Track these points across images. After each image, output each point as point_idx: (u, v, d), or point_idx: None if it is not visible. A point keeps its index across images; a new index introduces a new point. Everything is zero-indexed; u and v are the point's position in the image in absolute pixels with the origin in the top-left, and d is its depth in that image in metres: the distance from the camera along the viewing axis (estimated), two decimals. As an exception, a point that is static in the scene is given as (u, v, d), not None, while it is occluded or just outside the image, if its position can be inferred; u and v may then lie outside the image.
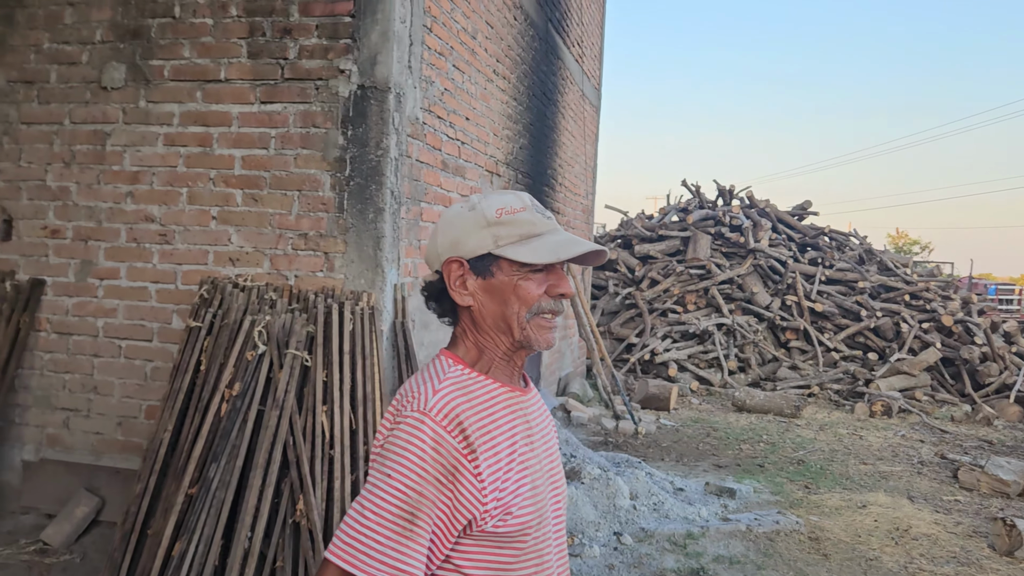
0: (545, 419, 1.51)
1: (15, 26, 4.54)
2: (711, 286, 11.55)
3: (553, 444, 1.51)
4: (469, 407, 1.34)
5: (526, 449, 1.39)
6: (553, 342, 1.43)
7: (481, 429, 1.33)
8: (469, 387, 1.37)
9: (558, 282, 1.40)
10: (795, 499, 5.85)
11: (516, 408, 1.41)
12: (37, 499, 4.54)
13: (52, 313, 4.53)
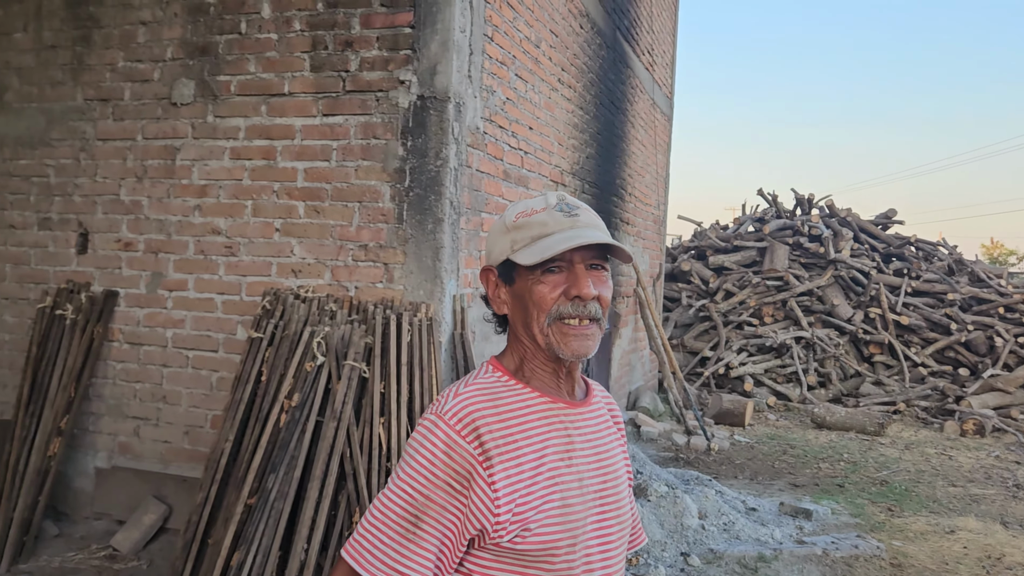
0: (602, 436, 1.40)
1: (92, 46, 4.69)
2: (789, 298, 11.18)
3: (610, 464, 1.39)
4: (492, 413, 1.28)
5: (559, 463, 1.31)
6: (583, 351, 1.31)
7: (502, 437, 1.27)
8: (499, 394, 1.32)
9: (574, 283, 1.30)
10: (877, 522, 5.55)
11: (554, 420, 1.33)
12: (108, 505, 4.65)
13: (124, 324, 4.65)
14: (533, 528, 1.25)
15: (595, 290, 1.31)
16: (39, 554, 4.36)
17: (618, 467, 1.42)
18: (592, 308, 1.31)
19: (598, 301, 1.32)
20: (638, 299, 8.68)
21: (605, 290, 1.33)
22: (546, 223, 1.32)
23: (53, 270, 4.82)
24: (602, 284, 1.33)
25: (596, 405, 1.44)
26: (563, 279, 1.31)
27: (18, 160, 4.90)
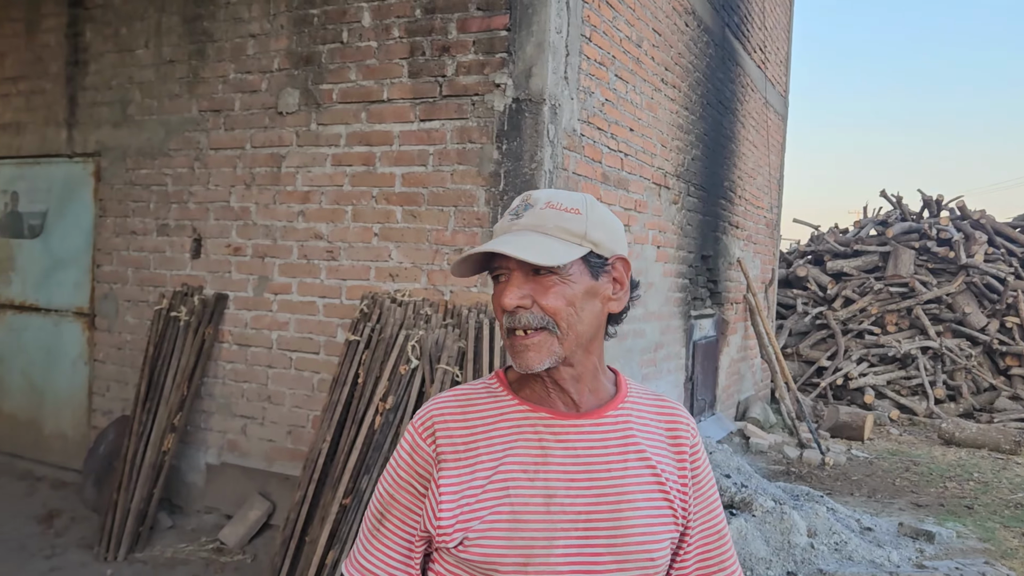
0: (603, 454, 1.24)
1: (206, 59, 4.91)
2: (915, 305, 10.53)
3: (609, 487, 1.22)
4: (456, 418, 1.25)
5: (519, 475, 1.21)
6: (526, 364, 1.20)
7: (461, 441, 1.24)
8: (475, 400, 1.28)
9: (500, 293, 1.21)
10: (1008, 548, 5.12)
11: (526, 429, 1.24)
12: (217, 500, 4.83)
13: (233, 326, 4.83)
14: (473, 538, 1.18)
15: (519, 299, 1.19)
16: (154, 544, 4.57)
17: (627, 492, 1.22)
18: (524, 318, 1.20)
19: (540, 308, 1.20)
20: (748, 305, 8.37)
21: (547, 297, 1.19)
22: (496, 230, 1.26)
23: (170, 274, 5.06)
24: (545, 291, 1.20)
25: (610, 420, 1.27)
26: (502, 288, 1.23)
27: (139, 170, 5.18)
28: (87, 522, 4.85)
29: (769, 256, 9.60)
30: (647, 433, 1.28)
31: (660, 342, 5.87)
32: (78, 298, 5.54)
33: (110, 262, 5.34)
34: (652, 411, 1.32)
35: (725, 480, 5.31)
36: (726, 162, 7.36)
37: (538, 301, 1.20)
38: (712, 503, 1.33)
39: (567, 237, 1.21)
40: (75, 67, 5.46)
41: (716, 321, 7.41)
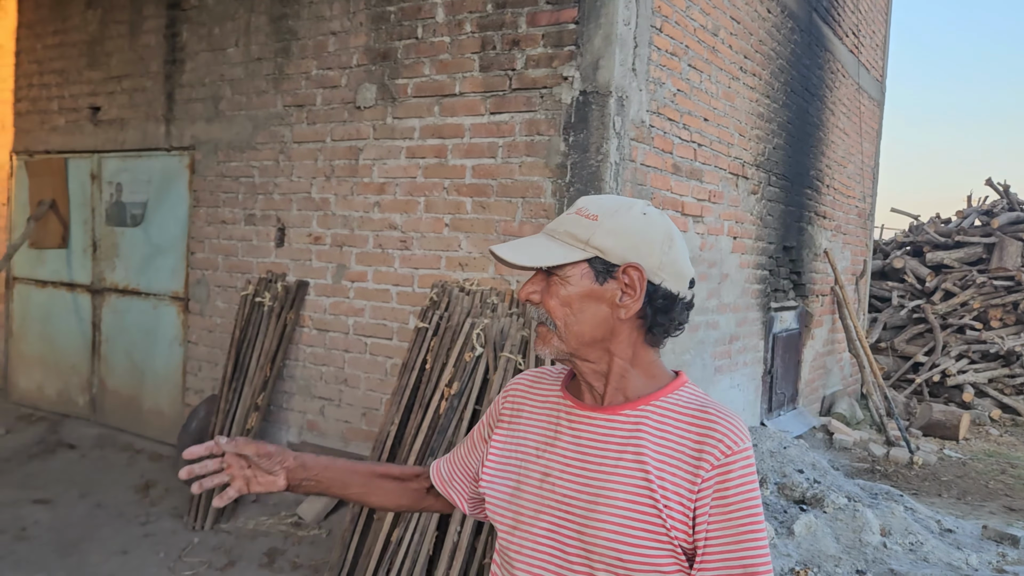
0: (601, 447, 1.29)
1: (290, 57, 5.12)
2: (1021, 300, 10.00)
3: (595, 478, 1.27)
4: (522, 391, 1.46)
5: (532, 451, 1.37)
6: (539, 350, 1.34)
7: (515, 410, 1.44)
8: (542, 380, 1.46)
9: (523, 286, 1.35)
10: (1104, 558, 4.85)
11: (553, 413, 1.38)
12: (297, 477, 5.07)
13: (313, 311, 5.05)
14: (487, 492, 1.40)
15: (529, 293, 1.32)
16: (238, 516, 4.84)
17: (609, 489, 1.25)
18: (532, 311, 1.39)
19: (543, 307, 1.31)
20: (835, 298, 8.14)
21: (547, 296, 1.30)
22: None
23: (256, 261, 5.33)
24: (548, 290, 1.31)
25: (622, 419, 1.30)
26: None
27: (229, 162, 5.46)
28: (179, 493, 5.18)
29: (861, 247, 9.29)
30: (660, 439, 1.26)
31: (735, 334, 5.80)
32: (174, 283, 5.89)
33: (202, 249, 5.66)
34: (683, 420, 1.27)
35: (798, 475, 5.22)
36: (812, 151, 7.16)
37: (543, 298, 1.31)
38: (739, 519, 1.21)
39: (570, 241, 1.28)
40: (172, 65, 5.78)
41: (799, 314, 7.24)
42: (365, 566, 3.86)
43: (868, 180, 9.26)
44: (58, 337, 6.71)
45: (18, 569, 4.13)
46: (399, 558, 3.76)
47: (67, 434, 6.29)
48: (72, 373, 6.61)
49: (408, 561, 3.76)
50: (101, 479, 5.48)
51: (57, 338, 6.72)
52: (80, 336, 6.54)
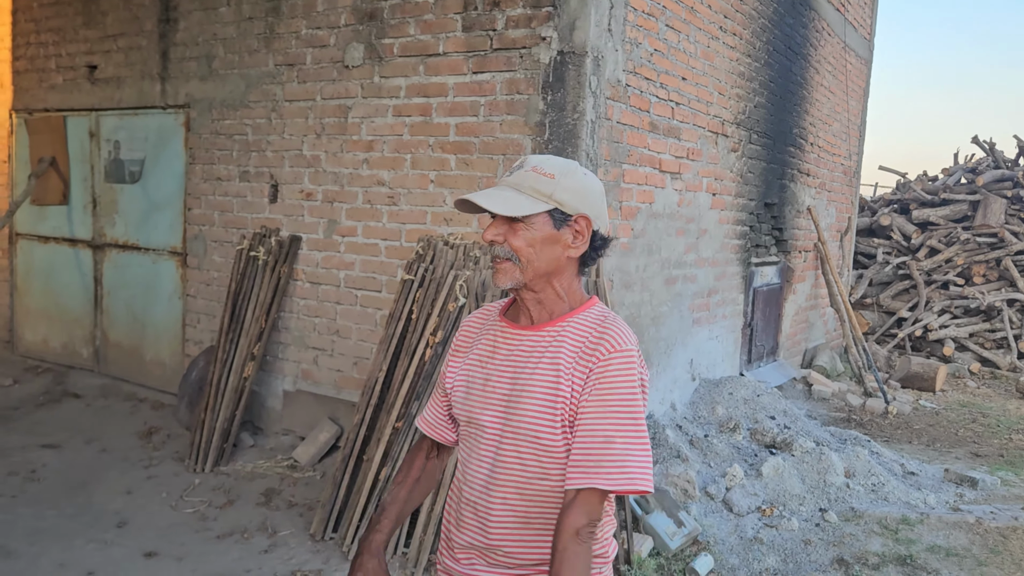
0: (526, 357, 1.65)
1: (280, 16, 5.26)
2: (1004, 256, 10.19)
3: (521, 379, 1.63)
4: (475, 324, 1.84)
5: (476, 365, 1.74)
6: (497, 283, 1.65)
7: (467, 339, 1.83)
8: (488, 314, 1.84)
9: (486, 229, 1.65)
10: (1057, 498, 5.12)
11: (491, 332, 1.75)
12: (293, 423, 5.33)
13: (306, 265, 5.25)
14: (452, 398, 1.79)
15: (493, 235, 1.62)
16: (236, 460, 5.11)
17: (529, 385, 1.62)
18: (496, 250, 1.64)
19: (508, 246, 1.62)
20: (819, 254, 8.34)
21: (514, 238, 1.61)
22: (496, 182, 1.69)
23: (250, 217, 5.52)
24: (513, 233, 1.62)
25: (543, 333, 1.66)
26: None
27: (223, 120, 5.62)
28: (180, 439, 5.44)
29: (846, 204, 9.46)
30: (570, 345, 1.63)
31: (714, 288, 6.01)
32: (172, 238, 6.09)
33: (199, 206, 5.85)
34: (587, 329, 1.64)
35: (769, 422, 5.47)
36: (796, 109, 7.30)
37: (508, 240, 1.62)
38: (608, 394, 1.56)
39: (536, 195, 1.61)
40: (166, 24, 5.91)
41: (780, 269, 7.45)
42: (356, 502, 4.12)
43: (854, 138, 9.40)
44: (61, 291, 6.93)
45: (30, 506, 4.39)
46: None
47: (72, 384, 6.55)
48: (76, 326, 6.84)
49: (395, 497, 4.02)
50: (105, 426, 5.74)
51: (60, 292, 6.94)
52: (82, 290, 6.76)
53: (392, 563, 3.90)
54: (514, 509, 1.65)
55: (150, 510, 4.43)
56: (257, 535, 4.16)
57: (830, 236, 8.81)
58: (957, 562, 4.07)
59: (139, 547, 3.98)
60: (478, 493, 1.68)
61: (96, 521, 4.25)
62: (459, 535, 1.74)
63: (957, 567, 4.03)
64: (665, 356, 5.36)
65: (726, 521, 4.41)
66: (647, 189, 4.93)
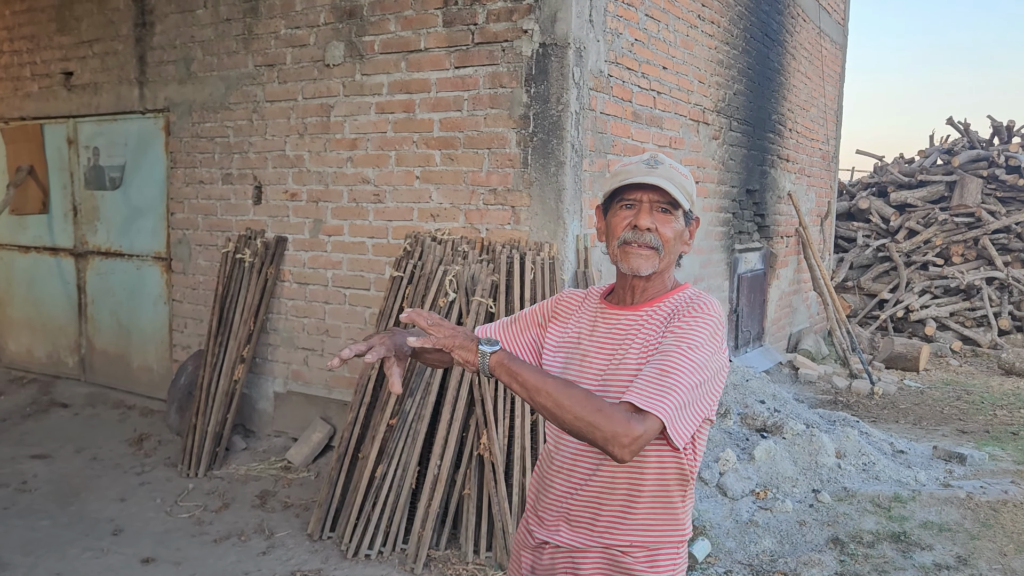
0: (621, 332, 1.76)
1: (259, 16, 5.23)
2: (982, 235, 10.32)
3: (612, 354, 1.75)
4: (575, 302, 1.91)
5: (573, 337, 1.84)
6: (636, 267, 1.71)
7: (567, 313, 1.90)
8: (589, 294, 1.91)
9: (636, 217, 1.72)
10: (1043, 471, 5.21)
11: (593, 316, 1.83)
12: (285, 424, 5.32)
13: (293, 266, 5.23)
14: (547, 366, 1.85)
15: (651, 223, 1.70)
16: (229, 463, 5.09)
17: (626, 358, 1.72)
18: (648, 237, 1.70)
19: (657, 234, 1.71)
20: (800, 239, 8.41)
21: (665, 228, 1.71)
22: (631, 171, 1.72)
23: (235, 219, 5.49)
24: (664, 223, 1.71)
25: (640, 312, 1.76)
26: (632, 214, 1.72)
27: (204, 123, 5.58)
28: (172, 444, 5.41)
29: (825, 189, 9.54)
30: (662, 318, 1.73)
31: (700, 275, 6.05)
32: (156, 243, 6.05)
33: (182, 210, 5.81)
34: (680, 304, 1.75)
35: (759, 406, 5.52)
36: (774, 95, 7.36)
37: (659, 228, 1.71)
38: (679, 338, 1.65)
39: (684, 192, 1.72)
40: (143, 28, 5.86)
41: (764, 254, 7.51)
42: (352, 501, 4.12)
43: (831, 123, 9.48)
44: (44, 301, 6.86)
45: (22, 517, 4.36)
46: (383, 492, 4.02)
47: (59, 394, 6.49)
48: (60, 335, 6.78)
49: (392, 494, 4.03)
50: (95, 434, 5.70)
51: (43, 302, 6.87)
52: (66, 299, 6.69)
53: (391, 559, 3.91)
54: (604, 477, 1.73)
55: (145, 517, 4.41)
56: (254, 537, 4.15)
57: (811, 221, 8.89)
58: (950, 537, 4.13)
59: (136, 554, 3.96)
60: (570, 461, 1.77)
61: (91, 529, 4.23)
62: (547, 502, 1.82)
63: (950, 542, 4.09)
64: (654, 344, 5.38)
65: (721, 505, 4.45)
66: (632, 179, 4.94)
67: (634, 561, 1.72)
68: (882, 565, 3.87)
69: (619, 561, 1.73)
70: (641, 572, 1.72)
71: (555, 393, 1.56)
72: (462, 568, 3.83)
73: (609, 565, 1.75)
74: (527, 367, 1.61)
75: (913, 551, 3.99)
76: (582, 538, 1.76)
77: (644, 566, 1.72)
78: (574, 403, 1.55)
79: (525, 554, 1.88)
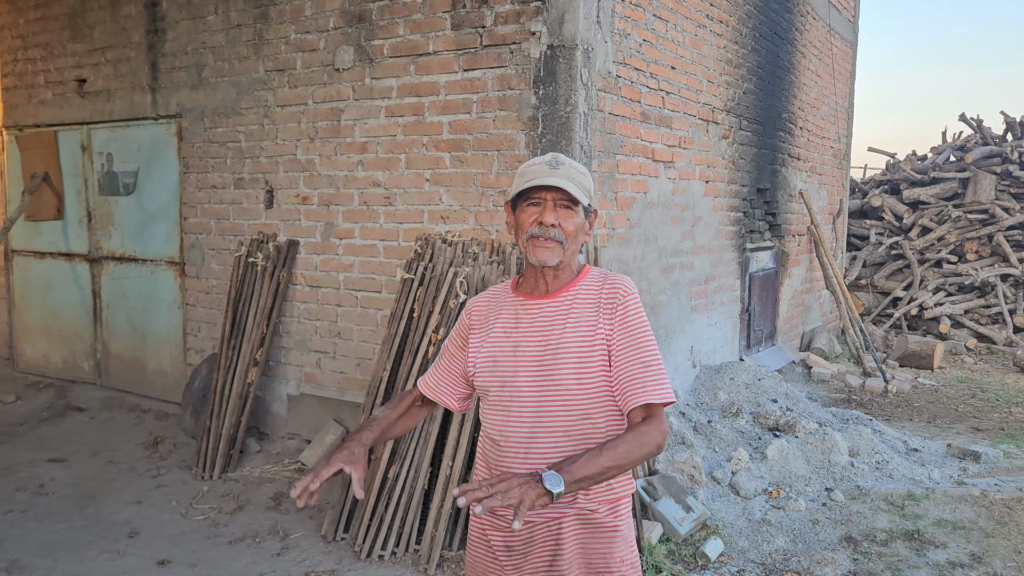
0: (550, 320, 1.92)
1: (269, 22, 5.27)
2: (996, 232, 10.26)
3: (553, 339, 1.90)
4: (483, 306, 2.06)
5: (500, 333, 1.98)
6: (543, 259, 1.87)
7: (482, 318, 2.04)
8: (495, 295, 2.07)
9: (541, 214, 1.89)
10: (1059, 468, 5.18)
11: (510, 306, 1.99)
12: (298, 426, 5.35)
13: (305, 269, 5.27)
14: (478, 371, 1.99)
15: (554, 220, 1.87)
16: (244, 465, 5.13)
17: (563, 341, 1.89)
18: (552, 232, 1.87)
19: (560, 228, 1.88)
20: (812, 237, 8.38)
21: (567, 223, 1.88)
22: (535, 172, 1.88)
23: (247, 223, 5.53)
24: (566, 218, 1.88)
25: (560, 299, 1.94)
26: (538, 211, 1.89)
27: (216, 128, 5.63)
28: (187, 447, 5.46)
29: (837, 187, 9.50)
30: (588, 301, 1.93)
31: (711, 275, 6.05)
32: (169, 248, 6.10)
33: (195, 214, 5.85)
34: (595, 287, 1.95)
35: (771, 405, 5.51)
36: (784, 94, 7.34)
37: (561, 224, 1.88)
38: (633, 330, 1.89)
39: (583, 190, 1.89)
40: (155, 35, 5.92)
41: (775, 253, 7.49)
42: (366, 502, 4.14)
43: (843, 121, 9.44)
44: (60, 306, 6.93)
45: (40, 520, 4.41)
46: (396, 493, 4.04)
47: (75, 398, 6.55)
48: (76, 340, 6.85)
49: (405, 495, 4.05)
50: (111, 438, 5.75)
51: (59, 307, 6.94)
52: (81, 304, 6.76)
53: (404, 560, 3.93)
54: (562, 450, 1.87)
55: (160, 519, 4.45)
56: (269, 539, 4.18)
57: (823, 219, 8.86)
58: (964, 535, 4.11)
59: (152, 556, 3.99)
60: (524, 444, 1.91)
61: (107, 532, 4.27)
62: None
63: (964, 540, 4.07)
64: (665, 344, 5.39)
65: (734, 504, 4.44)
66: (641, 179, 4.96)
67: (602, 515, 1.94)
68: (896, 563, 3.86)
69: (590, 519, 1.94)
70: (610, 522, 1.95)
71: (616, 462, 1.72)
72: (475, 568, 3.85)
73: (583, 524, 1.94)
74: (584, 466, 1.69)
75: (927, 549, 3.98)
76: (559, 508, 1.92)
77: (611, 517, 1.95)
78: (630, 454, 1.74)
79: (494, 535, 2.02)
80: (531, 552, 1.96)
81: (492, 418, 1.98)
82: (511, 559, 1.99)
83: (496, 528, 2.00)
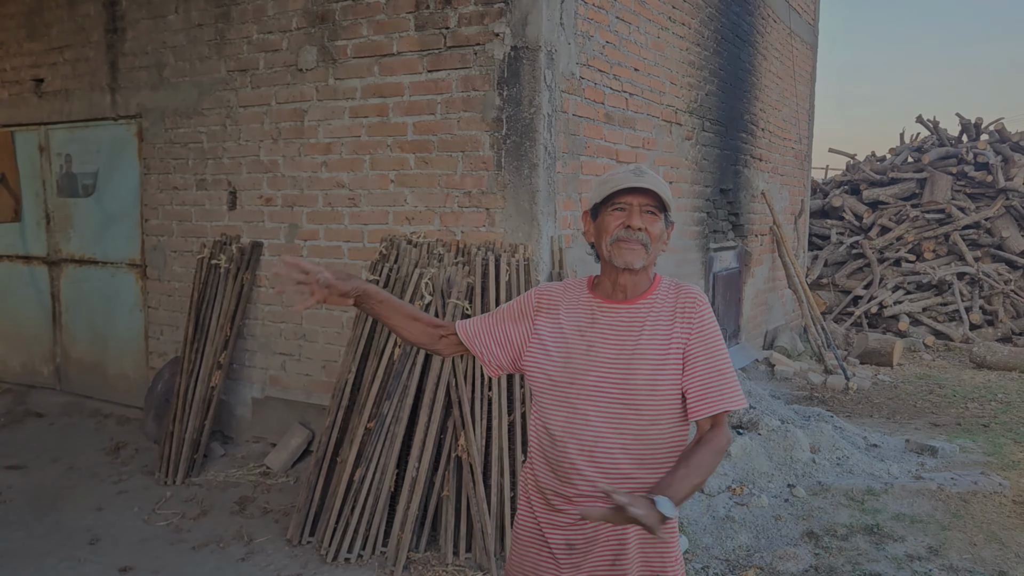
0: (628, 325, 1.96)
1: (231, 22, 5.22)
2: (952, 231, 10.49)
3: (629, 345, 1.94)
4: (556, 294, 2.09)
5: (573, 332, 2.01)
6: (630, 261, 1.92)
7: (551, 305, 2.07)
8: (568, 290, 2.10)
9: (628, 218, 1.94)
10: (1012, 461, 5.31)
11: (587, 306, 2.02)
12: (263, 430, 5.31)
13: (269, 271, 5.23)
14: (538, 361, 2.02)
15: (641, 223, 1.92)
16: (208, 470, 5.07)
17: (639, 347, 1.94)
18: (639, 236, 1.92)
19: (646, 232, 1.93)
20: (774, 237, 8.50)
21: (653, 227, 1.94)
22: (621, 179, 1.94)
23: (210, 225, 5.48)
24: (651, 223, 1.94)
25: (639, 306, 1.98)
26: (624, 215, 1.94)
27: (177, 129, 5.57)
28: (149, 452, 5.38)
29: (799, 187, 9.65)
30: (663, 309, 1.98)
31: (675, 274, 6.10)
32: (130, 250, 6.02)
33: (156, 216, 5.78)
34: (670, 297, 2.01)
35: (735, 403, 5.58)
36: (746, 95, 7.44)
37: (647, 228, 1.93)
38: (709, 338, 1.95)
39: (667, 198, 1.95)
40: (114, 34, 5.83)
41: (738, 253, 7.58)
42: (331, 505, 4.12)
43: (804, 122, 9.59)
44: (18, 310, 6.80)
45: (-2, 529, 4.32)
46: (362, 496, 4.03)
47: (34, 403, 6.43)
48: (35, 344, 6.72)
49: (371, 498, 4.03)
50: (71, 444, 5.65)
51: (17, 311, 6.81)
52: (40, 308, 6.64)
53: (371, 562, 3.92)
54: (629, 451, 1.93)
55: (122, 525, 4.39)
56: (233, 544, 4.14)
57: (784, 219, 8.99)
58: (922, 528, 4.20)
59: (113, 563, 3.94)
60: (590, 443, 1.94)
61: (68, 540, 4.20)
62: (568, 487, 1.99)
63: (922, 533, 4.16)
64: (631, 344, 5.43)
65: (697, 502, 4.50)
66: (605, 180, 4.99)
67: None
68: (856, 557, 3.93)
69: None
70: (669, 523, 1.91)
71: (703, 477, 1.83)
72: (442, 570, 3.85)
73: None
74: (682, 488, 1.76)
75: (886, 543, 4.06)
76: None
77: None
78: (712, 467, 1.86)
79: (553, 533, 2.04)
80: (592, 551, 2.00)
81: (554, 413, 2.00)
82: (571, 557, 2.02)
83: (555, 526, 2.04)
